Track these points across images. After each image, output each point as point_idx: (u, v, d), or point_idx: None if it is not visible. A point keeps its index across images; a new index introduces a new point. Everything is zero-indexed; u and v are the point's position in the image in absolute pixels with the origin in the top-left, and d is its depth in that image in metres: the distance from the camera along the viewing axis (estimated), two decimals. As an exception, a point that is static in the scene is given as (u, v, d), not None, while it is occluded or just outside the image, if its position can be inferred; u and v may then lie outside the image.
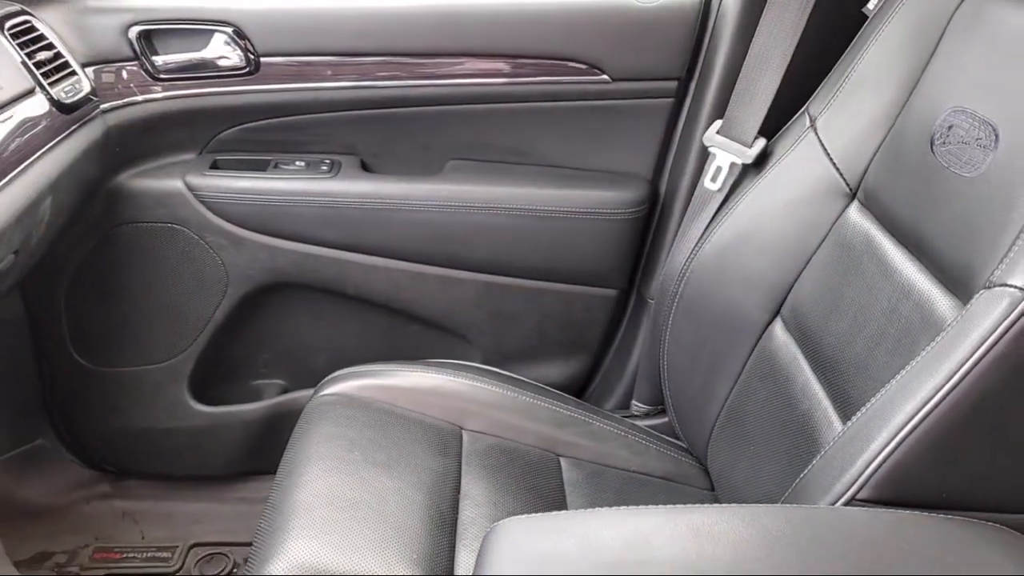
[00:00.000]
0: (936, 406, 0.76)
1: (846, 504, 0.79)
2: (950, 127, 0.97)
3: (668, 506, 0.73)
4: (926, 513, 0.77)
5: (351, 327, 1.65)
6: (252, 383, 1.70)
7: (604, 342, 1.67)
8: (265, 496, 1.19)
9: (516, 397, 1.32)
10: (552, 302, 1.61)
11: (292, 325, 1.66)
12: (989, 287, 0.78)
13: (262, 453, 1.65)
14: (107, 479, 1.70)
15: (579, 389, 1.68)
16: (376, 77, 1.49)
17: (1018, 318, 0.74)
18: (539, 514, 0.74)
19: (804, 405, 1.06)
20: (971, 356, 0.75)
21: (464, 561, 1.07)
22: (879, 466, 0.77)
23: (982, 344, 0.75)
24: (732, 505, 0.88)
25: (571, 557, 0.67)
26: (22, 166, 1.13)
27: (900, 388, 0.80)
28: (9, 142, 1.12)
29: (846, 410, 0.97)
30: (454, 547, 1.09)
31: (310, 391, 1.34)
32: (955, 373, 0.75)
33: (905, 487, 0.77)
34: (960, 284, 0.87)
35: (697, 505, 0.74)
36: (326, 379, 1.32)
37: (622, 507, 0.75)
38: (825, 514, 0.76)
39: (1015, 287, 0.75)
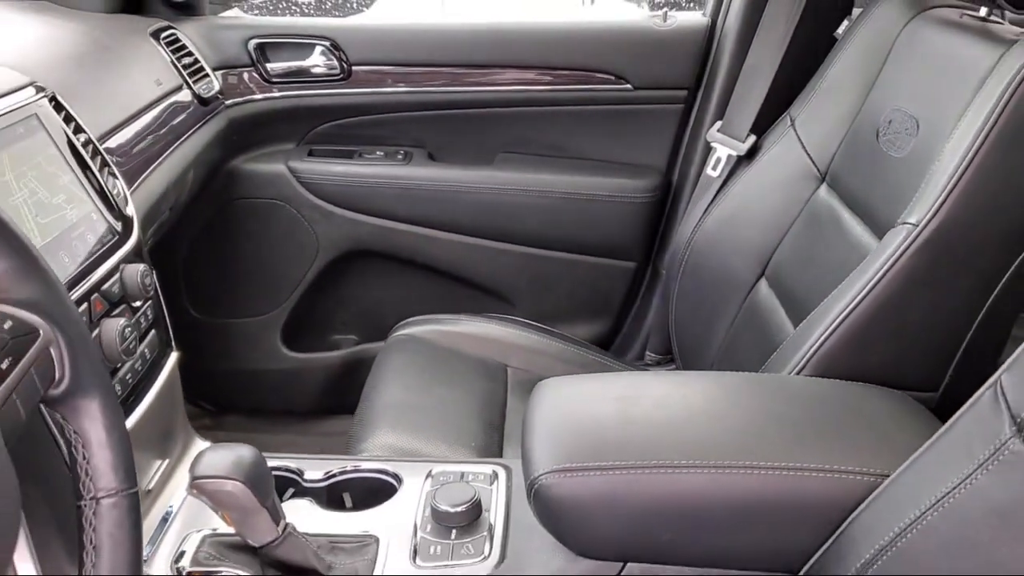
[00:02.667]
0: (853, 309, 1.05)
1: (789, 379, 1.07)
2: (890, 121, 1.25)
3: (660, 371, 1.03)
4: (848, 383, 1.05)
5: (414, 290, 1.93)
6: (331, 337, 1.99)
7: (624, 306, 1.92)
8: (341, 432, 1.46)
9: (550, 343, 1.59)
10: (582, 271, 1.87)
11: (366, 287, 1.93)
12: (896, 226, 1.07)
13: (338, 395, 1.93)
14: (207, 415, 1.98)
15: (603, 344, 1.91)
16: (441, 84, 1.80)
17: (910, 244, 1.02)
18: (570, 375, 1.05)
19: (778, 339, 1.30)
20: (877, 273, 1.04)
21: (510, 453, 1.33)
22: (814, 353, 1.07)
23: (885, 264, 1.04)
24: (706, 371, 1.15)
25: (591, 391, 0.98)
26: (178, 142, 1.46)
27: (831, 300, 1.10)
28: (170, 121, 1.45)
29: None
30: (502, 444, 1.36)
31: (379, 344, 1.62)
32: (866, 286, 1.04)
33: (833, 368, 1.06)
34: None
35: (681, 371, 1.03)
36: (398, 324, 1.61)
37: (628, 371, 1.04)
38: (772, 377, 1.07)
39: (910, 223, 1.04)
